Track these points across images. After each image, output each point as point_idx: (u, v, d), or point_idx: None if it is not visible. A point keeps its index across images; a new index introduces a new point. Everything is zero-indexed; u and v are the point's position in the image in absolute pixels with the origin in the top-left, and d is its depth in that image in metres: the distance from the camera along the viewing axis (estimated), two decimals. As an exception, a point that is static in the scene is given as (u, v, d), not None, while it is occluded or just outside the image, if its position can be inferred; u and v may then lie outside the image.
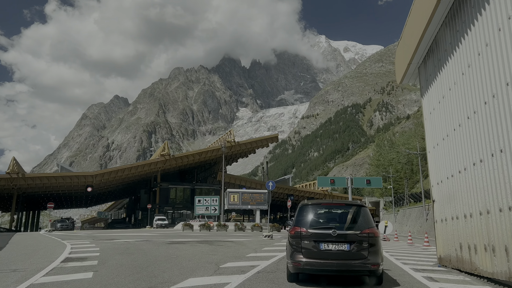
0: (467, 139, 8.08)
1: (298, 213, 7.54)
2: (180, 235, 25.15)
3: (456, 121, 8.70)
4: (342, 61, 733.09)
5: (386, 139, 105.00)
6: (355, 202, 7.77)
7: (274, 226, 36.58)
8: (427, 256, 13.51)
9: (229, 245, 16.65)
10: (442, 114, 9.65)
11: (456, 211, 8.92)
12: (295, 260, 6.96)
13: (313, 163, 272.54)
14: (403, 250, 16.41)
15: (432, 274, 8.73)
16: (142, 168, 56.17)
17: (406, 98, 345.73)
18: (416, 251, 15.74)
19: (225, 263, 9.99)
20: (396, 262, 11.02)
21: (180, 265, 9.51)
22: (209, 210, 42.28)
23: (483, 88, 7.22)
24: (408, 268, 9.67)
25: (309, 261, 6.84)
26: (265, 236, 21.28)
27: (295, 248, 7.04)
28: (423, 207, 43.59)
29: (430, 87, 10.54)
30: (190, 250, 13.62)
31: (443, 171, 9.72)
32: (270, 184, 22.02)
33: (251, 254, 12.59)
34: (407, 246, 19.07)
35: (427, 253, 15.11)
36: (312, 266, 6.84)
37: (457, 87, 8.54)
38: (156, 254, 12.29)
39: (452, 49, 8.72)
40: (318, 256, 6.84)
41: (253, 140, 66.90)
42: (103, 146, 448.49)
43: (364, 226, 7.04)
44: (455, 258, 9.12)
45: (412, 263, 10.98)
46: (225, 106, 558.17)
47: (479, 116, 7.46)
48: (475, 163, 7.75)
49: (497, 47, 6.63)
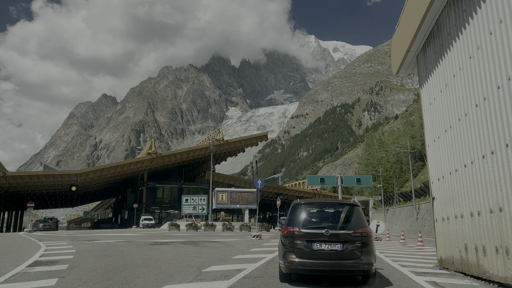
0: (475, 129, 7.33)
1: (290, 213, 7.38)
2: (165, 236, 24.19)
3: (461, 111, 7.95)
4: (331, 61, 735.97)
5: (375, 138, 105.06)
6: (348, 201, 7.62)
7: (263, 225, 35.75)
8: (424, 257, 12.79)
9: (215, 246, 15.77)
10: (444, 104, 8.90)
11: (461, 209, 8.17)
12: (287, 260, 6.85)
13: (302, 163, 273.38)
14: (397, 250, 15.70)
15: (435, 278, 7.97)
16: (128, 167, 54.90)
17: (395, 98, 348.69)
18: (411, 252, 15.03)
19: (208, 266, 9.13)
20: (394, 264, 10.26)
21: (158, 269, 8.62)
22: (196, 210, 41.25)
23: (496, 71, 6.46)
24: (408, 271, 8.91)
25: (302, 261, 6.74)
26: (253, 236, 20.44)
27: (288, 248, 6.93)
28: (414, 206, 43.17)
29: (430, 76, 9.79)
30: (173, 252, 12.72)
31: (445, 166, 8.97)
32: (259, 182, 21.18)
33: (238, 256, 11.73)
34: (400, 246, 18.38)
35: (424, 253, 14.41)
36: (305, 266, 6.74)
37: (463, 73, 7.78)
38: (135, 256, 11.38)
39: (457, 31, 7.96)
40: (311, 256, 6.74)
41: (242, 138, 65.93)
42: (91, 145, 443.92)
43: (357, 225, 6.94)
44: (458, 260, 8.38)
45: (410, 265, 10.23)
46: (215, 106, 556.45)
47: (490, 102, 6.70)
48: (484, 156, 7.00)
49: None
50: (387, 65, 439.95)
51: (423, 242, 19.04)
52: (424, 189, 47.88)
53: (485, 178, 6.99)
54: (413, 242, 22.42)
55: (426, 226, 38.19)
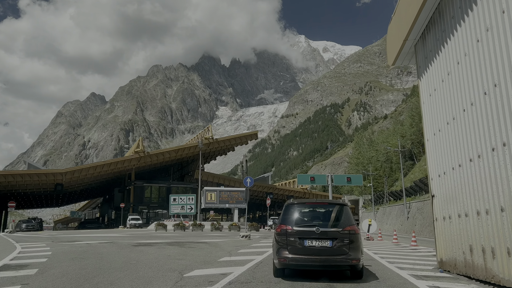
0: (483, 119, 6.70)
1: (284, 212, 7.82)
2: (151, 236, 23.36)
3: (466, 100, 7.31)
4: (321, 61, 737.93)
5: (365, 138, 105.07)
6: (337, 201, 8.10)
7: (253, 225, 35.04)
8: (421, 258, 12.19)
9: (202, 247, 15.02)
10: (446, 95, 8.27)
11: (465, 207, 7.54)
12: (281, 256, 7.26)
13: (292, 162, 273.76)
14: (391, 251, 15.10)
15: (438, 282, 7.33)
16: (115, 166, 53.75)
17: (384, 98, 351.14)
18: (406, 253, 14.43)
19: (191, 270, 8.38)
20: (391, 266, 9.62)
21: (136, 274, 7.86)
22: (185, 209, 40.42)
23: (510, 54, 5.82)
24: (407, 274, 8.26)
25: (294, 257, 7.15)
26: (242, 236, 19.72)
27: (281, 244, 7.34)
28: (404, 205, 42.82)
29: (430, 65, 9.16)
30: (155, 254, 11.94)
31: (447, 161, 8.34)
32: (248, 180, 20.44)
33: (225, 258, 11.00)
34: (394, 246, 17.80)
35: (419, 254, 13.81)
36: (297, 261, 7.15)
37: (469, 59, 7.14)
38: (114, 259, 10.58)
39: (462, 13, 7.32)
40: (302, 252, 7.16)
41: (232, 137, 65.02)
42: (79, 145, 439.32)
43: (346, 224, 7.38)
44: (462, 263, 7.75)
45: (408, 267, 9.60)
46: (205, 105, 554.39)
47: (502, 89, 6.07)
48: (494, 148, 6.37)
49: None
50: (376, 65, 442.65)
51: (416, 242, 18.48)
52: (414, 188, 47.60)
53: (495, 173, 6.36)
54: (406, 242, 21.89)
55: (417, 225, 37.83)
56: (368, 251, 14.20)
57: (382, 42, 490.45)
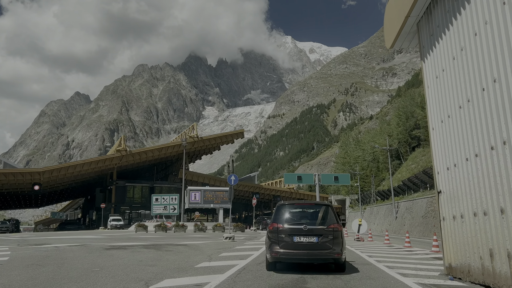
0: (509, 98, 5.56)
1: (275, 212, 8.70)
2: (129, 238, 21.93)
3: (487, 77, 6.18)
4: (308, 62, 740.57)
5: (351, 137, 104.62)
6: (323, 202, 9.01)
7: (238, 226, 33.75)
8: (421, 262, 11.07)
9: (181, 250, 13.70)
10: (458, 75, 7.13)
11: (483, 205, 6.41)
12: (273, 251, 8.11)
13: (279, 162, 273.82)
14: (386, 253, 13.99)
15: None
16: (96, 165, 51.85)
17: (369, 99, 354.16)
18: (403, 255, 13.33)
19: (160, 280, 7.09)
20: (391, 272, 8.46)
21: (93, 285, 6.54)
22: (167, 210, 38.90)
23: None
24: (412, 282, 7.12)
25: (285, 252, 8.01)
26: (225, 238, 18.45)
27: (273, 240, 8.19)
28: (393, 205, 42.01)
29: (438, 43, 8.03)
30: (126, 259, 10.60)
31: (459, 151, 7.20)
32: (233, 178, 19.16)
33: (203, 263, 9.73)
34: (387, 248, 16.73)
35: (417, 256, 12.71)
36: (287, 255, 8.04)
37: (491, 27, 6.01)
38: (76, 265, 9.21)
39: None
40: (292, 247, 8.01)
41: (218, 135, 63.59)
42: (63, 145, 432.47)
43: (330, 222, 8.25)
44: (478, 270, 6.62)
45: (411, 273, 8.45)
46: (191, 105, 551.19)
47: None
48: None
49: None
50: (362, 66, 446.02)
51: (410, 243, 17.42)
52: (402, 187, 46.92)
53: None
54: (398, 243, 20.88)
55: (406, 225, 37.02)
56: (362, 253, 13.08)
57: (367, 44, 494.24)
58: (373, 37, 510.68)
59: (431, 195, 31.75)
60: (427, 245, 18.81)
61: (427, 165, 47.88)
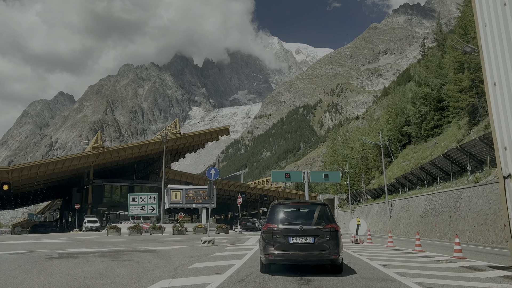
0: None
1: (270, 212, 8.33)
2: (92, 243, 18.98)
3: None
4: (294, 62, 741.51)
5: (339, 135, 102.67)
6: (319, 201, 8.70)
7: (221, 227, 30.92)
8: (453, 273, 8.45)
9: (144, 258, 10.88)
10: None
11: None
12: (267, 252, 7.75)
13: (265, 163, 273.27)
14: (399, 259, 11.36)
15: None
16: (70, 163, 48.33)
17: (355, 100, 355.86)
18: (422, 263, 10.69)
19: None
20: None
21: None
22: (145, 210, 35.85)
23: None
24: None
25: (280, 253, 7.67)
26: (204, 242, 15.64)
27: (268, 242, 7.84)
28: (387, 203, 39.65)
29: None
30: (59, 275, 7.76)
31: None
32: (212, 172, 16.37)
33: (161, 282, 6.94)
34: (395, 253, 14.11)
35: (443, 266, 10.07)
36: (282, 257, 7.68)
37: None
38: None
39: None
40: (287, 248, 7.69)
41: (202, 132, 60.45)
42: (46, 145, 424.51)
43: (327, 222, 8.03)
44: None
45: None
46: (177, 105, 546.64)
47: None
48: None
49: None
50: (347, 67, 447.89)
51: (421, 246, 14.81)
52: (395, 185, 44.69)
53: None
54: (403, 245, 18.34)
55: (402, 225, 34.67)
56: (371, 261, 10.42)
57: (353, 45, 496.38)
58: (359, 38, 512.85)
59: (430, 192, 29.43)
60: (437, 248, 16.33)
61: (420, 162, 45.80)
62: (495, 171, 22.32)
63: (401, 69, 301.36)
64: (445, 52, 53.98)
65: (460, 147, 24.88)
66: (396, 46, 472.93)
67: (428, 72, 57.02)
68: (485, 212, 20.30)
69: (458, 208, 23.68)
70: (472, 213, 21.73)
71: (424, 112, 54.69)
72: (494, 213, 19.42)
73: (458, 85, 37.61)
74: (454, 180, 27.63)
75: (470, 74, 34.76)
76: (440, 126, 51.84)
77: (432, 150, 47.03)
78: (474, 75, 34.09)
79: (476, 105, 34.50)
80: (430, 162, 31.10)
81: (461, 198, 23.59)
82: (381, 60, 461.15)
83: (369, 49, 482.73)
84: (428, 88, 54.51)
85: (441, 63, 53.08)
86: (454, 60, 39.49)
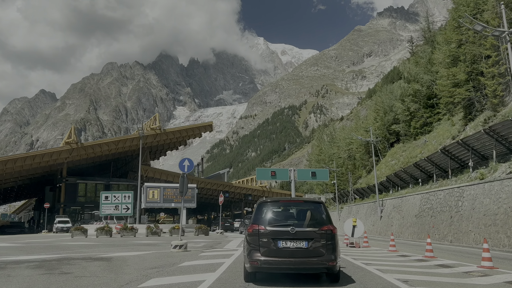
0: None
1: (256, 211, 7.28)
2: (46, 247, 16.26)
3: None
4: (280, 63, 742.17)
5: (325, 134, 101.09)
6: (313, 199, 7.80)
7: (201, 228, 28.33)
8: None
9: (88, 271, 8.32)
10: None
11: None
12: (252, 258, 6.68)
13: (250, 163, 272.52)
14: (418, 272, 9.01)
15: None
16: (41, 159, 44.95)
17: (339, 101, 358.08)
18: (450, 277, 8.35)
19: None
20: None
21: None
22: (119, 210, 33.00)
23: None
24: None
25: (267, 260, 6.59)
26: (174, 246, 13.09)
27: (253, 246, 6.76)
28: (377, 202, 37.55)
29: None
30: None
31: None
32: (186, 163, 13.85)
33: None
34: (403, 260, 11.77)
35: (478, 281, 7.73)
36: (270, 264, 6.58)
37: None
38: None
39: None
40: (276, 254, 6.62)
41: (183, 128, 57.56)
42: (26, 144, 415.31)
43: (322, 223, 6.94)
44: None
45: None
46: (161, 104, 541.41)
47: None
48: None
49: None
50: (332, 69, 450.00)
51: (433, 251, 12.45)
52: (385, 184, 42.78)
53: None
54: (404, 249, 16.07)
55: (394, 225, 32.58)
56: (383, 273, 8.05)
57: (338, 47, 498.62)
58: (344, 40, 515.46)
59: (427, 190, 27.38)
60: (449, 254, 14.10)
61: (409, 160, 44.03)
62: (503, 167, 20.30)
63: (385, 71, 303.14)
64: (435, 48, 52.58)
65: (462, 141, 22.86)
66: (380, 49, 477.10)
67: (418, 68, 55.44)
68: (494, 212, 18.22)
69: (460, 208, 21.60)
70: (477, 213, 19.66)
71: (413, 109, 53.17)
72: (504, 212, 17.33)
73: (452, 79, 35.84)
74: (453, 178, 25.62)
75: (466, 66, 32.93)
76: (430, 124, 50.30)
77: (422, 148, 45.38)
78: (470, 67, 32.25)
79: (472, 99, 32.68)
80: (425, 159, 29.08)
81: (463, 196, 21.53)
82: (366, 62, 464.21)
83: (354, 51, 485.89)
84: (418, 85, 53.01)
85: (431, 59, 51.59)
86: (448, 54, 37.70)
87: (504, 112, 25.94)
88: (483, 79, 29.39)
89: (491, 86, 28.20)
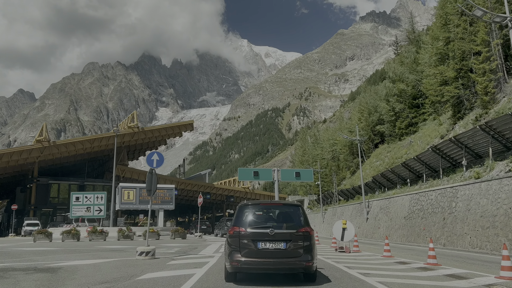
0: None
1: (237, 214, 7.50)
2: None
3: None
4: (263, 65, 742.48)
5: (309, 135, 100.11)
6: (291, 202, 7.88)
7: (178, 231, 26.44)
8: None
9: (20, 287, 6.52)
10: None
11: None
12: (233, 259, 6.86)
13: (234, 165, 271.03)
14: (432, 286, 7.45)
15: None
16: (9, 158, 42.24)
17: (322, 104, 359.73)
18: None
19: None
20: None
21: None
22: (91, 211, 30.87)
23: None
24: None
25: (247, 260, 6.77)
26: (140, 253, 11.29)
27: (234, 247, 6.97)
28: (363, 204, 36.25)
29: None
30: None
31: None
32: (155, 157, 12.11)
33: None
34: (404, 268, 10.23)
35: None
36: (250, 265, 6.78)
37: None
38: None
39: None
40: (256, 255, 6.81)
41: (163, 126, 55.38)
42: (4, 145, 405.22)
43: (300, 225, 7.13)
44: None
45: None
46: (144, 105, 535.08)
47: None
48: None
49: None
50: (315, 72, 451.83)
51: (436, 258, 10.91)
52: (370, 185, 41.61)
53: None
54: (399, 254, 14.60)
55: (382, 228, 31.27)
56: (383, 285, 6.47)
57: (321, 50, 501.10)
58: (327, 43, 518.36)
59: (416, 191, 26.12)
60: (452, 260, 12.65)
61: (395, 161, 43.03)
62: (501, 165, 19.07)
63: (367, 74, 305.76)
64: (420, 48, 51.92)
65: (455, 138, 21.60)
66: (363, 52, 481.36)
67: (403, 68, 54.65)
68: (492, 213, 16.94)
69: (453, 209, 20.32)
70: (473, 214, 18.37)
71: (398, 109, 52.34)
72: (505, 214, 16.05)
73: (440, 77, 34.85)
74: (445, 177, 24.39)
75: (455, 64, 31.92)
76: (416, 124, 49.49)
77: (407, 149, 44.42)
78: (460, 64, 31.23)
79: (461, 97, 31.66)
80: (415, 158, 27.83)
81: (457, 197, 20.25)
82: (348, 66, 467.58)
83: (337, 54, 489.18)
84: (403, 85, 52.23)
85: (417, 59, 50.90)
86: (435, 52, 36.71)
87: (497, 108, 24.86)
88: (473, 75, 28.35)
89: (482, 82, 27.16)
